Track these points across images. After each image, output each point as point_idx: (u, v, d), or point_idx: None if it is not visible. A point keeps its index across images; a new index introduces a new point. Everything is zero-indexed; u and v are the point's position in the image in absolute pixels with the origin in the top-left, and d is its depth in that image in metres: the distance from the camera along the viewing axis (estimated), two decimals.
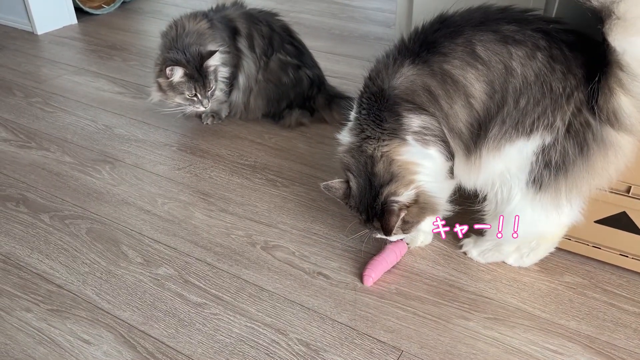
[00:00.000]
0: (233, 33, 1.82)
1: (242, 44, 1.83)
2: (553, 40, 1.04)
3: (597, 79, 0.99)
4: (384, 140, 1.14)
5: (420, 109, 1.11)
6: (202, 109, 1.75)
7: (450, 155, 1.16)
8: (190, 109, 1.76)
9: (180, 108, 1.77)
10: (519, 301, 1.21)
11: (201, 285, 1.29)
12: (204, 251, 1.38)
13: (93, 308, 1.23)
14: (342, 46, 2.51)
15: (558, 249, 1.29)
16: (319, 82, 1.91)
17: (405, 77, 1.11)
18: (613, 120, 1.01)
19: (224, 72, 1.79)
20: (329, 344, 1.13)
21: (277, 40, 1.85)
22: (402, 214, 1.14)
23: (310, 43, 1.99)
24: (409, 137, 1.13)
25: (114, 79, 2.28)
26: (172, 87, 1.70)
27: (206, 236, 1.43)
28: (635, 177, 1.17)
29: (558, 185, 1.08)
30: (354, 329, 1.16)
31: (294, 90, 1.87)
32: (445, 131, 1.12)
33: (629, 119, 0.99)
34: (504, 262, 1.30)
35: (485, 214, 1.22)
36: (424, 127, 1.12)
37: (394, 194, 1.12)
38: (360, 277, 1.27)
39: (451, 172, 1.20)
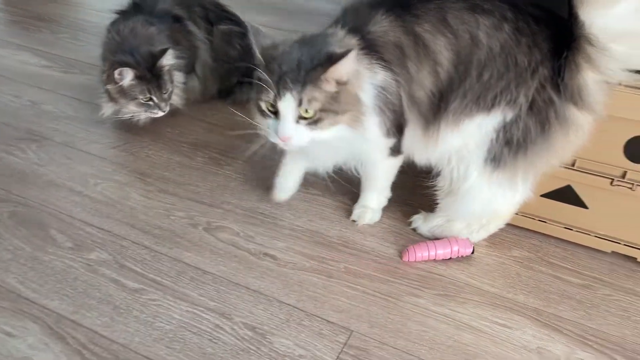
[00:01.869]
0: (178, 21, 1.73)
1: (192, 27, 1.74)
2: (520, 12, 1.01)
3: (564, 55, 0.96)
4: None
5: (386, 65, 1.05)
6: (160, 114, 1.59)
7: (394, 131, 1.11)
8: (145, 115, 1.59)
9: (133, 115, 1.61)
10: (468, 277, 1.20)
11: (138, 269, 1.20)
12: (142, 234, 1.29)
13: (16, 298, 1.13)
14: (289, 22, 2.43)
15: (506, 224, 1.29)
16: None
17: (380, 25, 1.05)
18: (577, 98, 0.99)
19: (179, 76, 1.67)
20: (276, 327, 1.08)
21: (213, 17, 1.79)
22: (337, 77, 1.00)
23: (254, 18, 1.89)
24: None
25: (41, 52, 2.11)
26: (124, 92, 1.54)
27: (144, 218, 1.34)
28: (579, 150, 1.18)
29: (516, 163, 1.06)
30: (302, 310, 1.12)
31: (243, 62, 1.79)
32: (404, 98, 1.07)
33: (592, 97, 0.98)
34: None
35: (438, 189, 1.20)
36: (382, 87, 1.06)
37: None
38: None
39: (397, 150, 1.16)
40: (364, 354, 1.04)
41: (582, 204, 1.23)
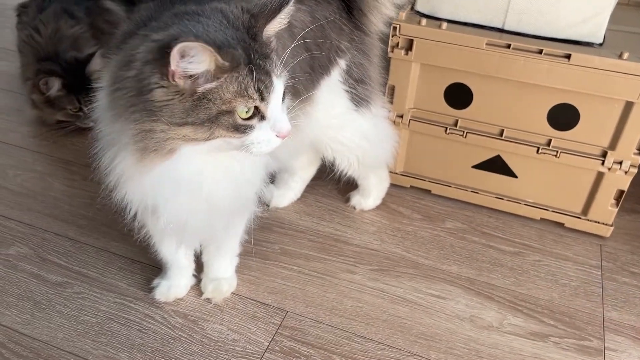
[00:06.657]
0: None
1: (109, 4, 1.65)
2: None
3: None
4: None
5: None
6: (92, 124, 1.51)
7: None
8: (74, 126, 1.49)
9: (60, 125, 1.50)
10: (403, 250, 1.20)
11: (62, 262, 1.14)
12: (65, 225, 1.23)
13: None
14: None
15: (439, 196, 1.31)
16: None
17: None
18: (372, 29, 1.13)
19: None
20: (209, 313, 1.05)
21: None
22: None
23: None
24: None
25: None
26: (51, 103, 1.45)
27: (67, 208, 1.27)
28: (507, 120, 1.19)
29: (373, 90, 1.14)
30: (236, 294, 1.09)
31: None
32: None
33: (375, 27, 1.14)
34: (381, 209, 1.29)
35: (347, 172, 1.22)
36: None
37: None
38: None
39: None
40: (299, 333, 1.02)
41: (511, 174, 1.25)
